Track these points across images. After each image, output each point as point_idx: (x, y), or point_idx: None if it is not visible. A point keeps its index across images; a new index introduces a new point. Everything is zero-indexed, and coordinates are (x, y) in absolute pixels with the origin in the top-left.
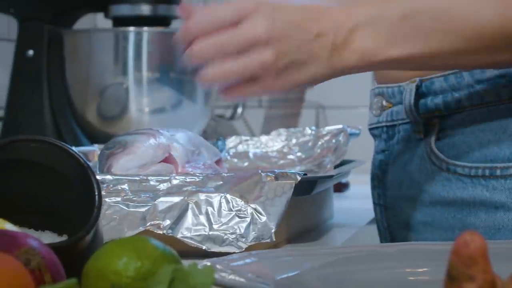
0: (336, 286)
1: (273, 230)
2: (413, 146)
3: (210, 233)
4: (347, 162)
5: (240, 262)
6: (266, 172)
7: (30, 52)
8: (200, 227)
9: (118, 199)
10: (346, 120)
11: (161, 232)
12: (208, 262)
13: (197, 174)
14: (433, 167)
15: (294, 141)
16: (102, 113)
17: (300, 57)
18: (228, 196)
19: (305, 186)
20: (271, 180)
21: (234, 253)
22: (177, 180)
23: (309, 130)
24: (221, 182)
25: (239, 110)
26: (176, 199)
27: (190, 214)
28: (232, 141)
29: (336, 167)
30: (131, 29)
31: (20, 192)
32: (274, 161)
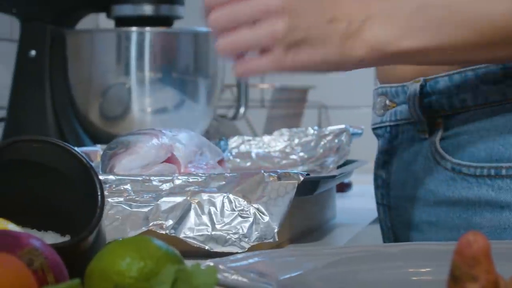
0: (339, 286)
1: (275, 230)
2: (417, 146)
3: (213, 233)
4: (350, 162)
5: (243, 262)
6: (268, 172)
7: (33, 52)
8: (202, 227)
9: (121, 199)
10: (348, 120)
11: (163, 232)
12: (211, 262)
13: (199, 174)
14: (438, 167)
15: (296, 141)
16: (105, 113)
17: (311, 37)
18: (230, 196)
19: (307, 186)
20: (274, 180)
21: (237, 253)
22: (179, 180)
23: (311, 130)
24: (223, 182)
25: (242, 110)
26: (178, 199)
27: (192, 214)
28: (234, 141)
29: (338, 167)
30: (134, 29)
31: (22, 192)
32: (276, 161)
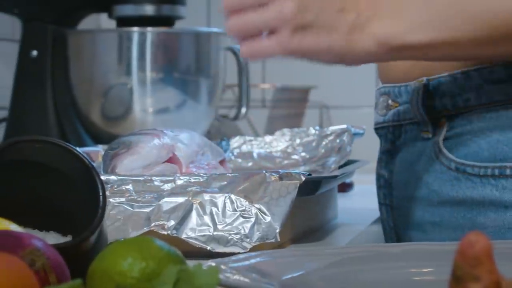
0: (340, 286)
1: (277, 230)
2: (420, 146)
3: (215, 233)
4: (351, 162)
5: (244, 263)
6: (270, 172)
7: (34, 52)
8: (204, 228)
9: (123, 200)
10: (350, 120)
11: (165, 232)
12: (212, 263)
13: (201, 175)
14: (441, 167)
15: (298, 141)
16: (106, 113)
17: (319, 22)
18: (232, 196)
19: (309, 186)
20: (276, 180)
21: (239, 253)
22: (181, 180)
23: (313, 130)
24: (225, 183)
25: (243, 110)
26: (180, 200)
27: (194, 214)
28: (236, 141)
29: (340, 167)
30: (135, 29)
31: (24, 192)
32: (278, 161)
